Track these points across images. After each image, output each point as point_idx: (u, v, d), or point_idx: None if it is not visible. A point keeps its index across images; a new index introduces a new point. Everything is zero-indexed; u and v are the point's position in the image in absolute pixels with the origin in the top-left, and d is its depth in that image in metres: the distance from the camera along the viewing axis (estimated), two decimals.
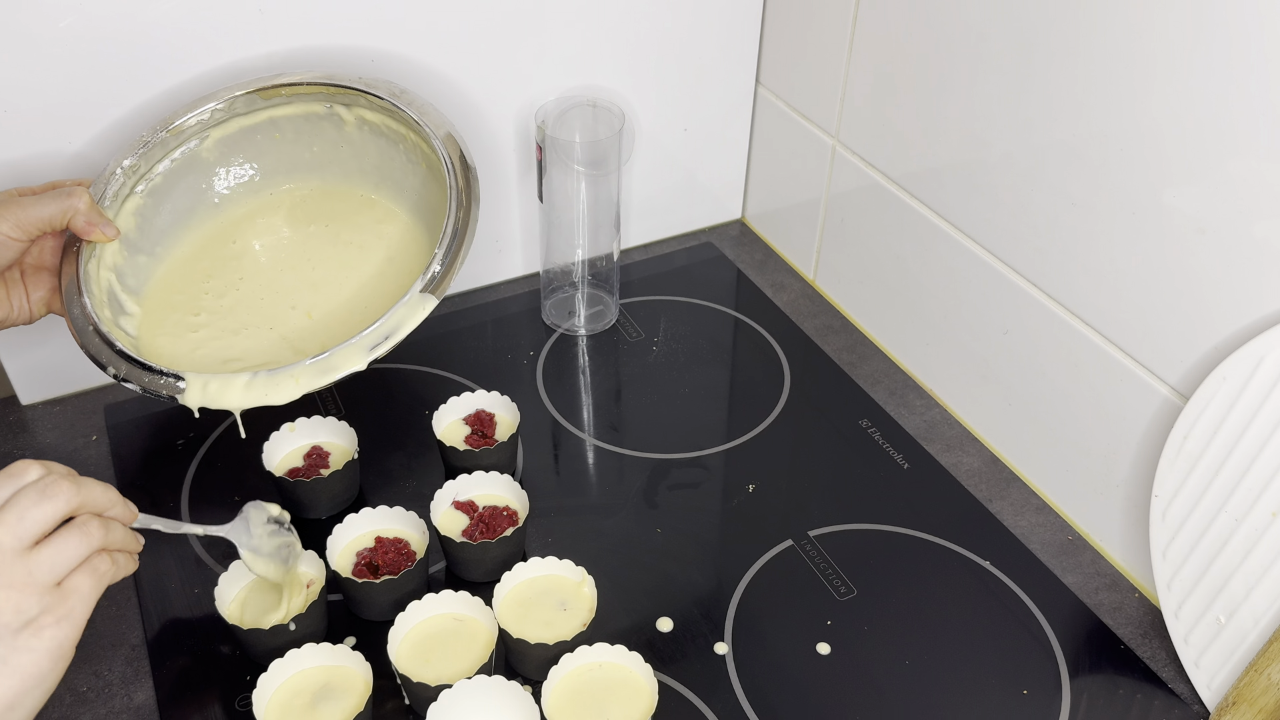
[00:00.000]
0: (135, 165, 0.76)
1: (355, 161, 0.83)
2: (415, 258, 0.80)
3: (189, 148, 0.78)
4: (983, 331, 0.87)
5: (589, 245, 0.96)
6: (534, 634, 0.69)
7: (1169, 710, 0.71)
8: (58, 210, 0.69)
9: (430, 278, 0.71)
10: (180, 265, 0.80)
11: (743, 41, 1.03)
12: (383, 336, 0.69)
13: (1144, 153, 0.69)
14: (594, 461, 0.88)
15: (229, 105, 0.78)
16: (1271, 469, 0.64)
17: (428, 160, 0.79)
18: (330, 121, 0.81)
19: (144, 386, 0.69)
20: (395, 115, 0.79)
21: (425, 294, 0.71)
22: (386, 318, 0.70)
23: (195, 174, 0.80)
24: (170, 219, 0.79)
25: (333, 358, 0.69)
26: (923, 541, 0.81)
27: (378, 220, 0.83)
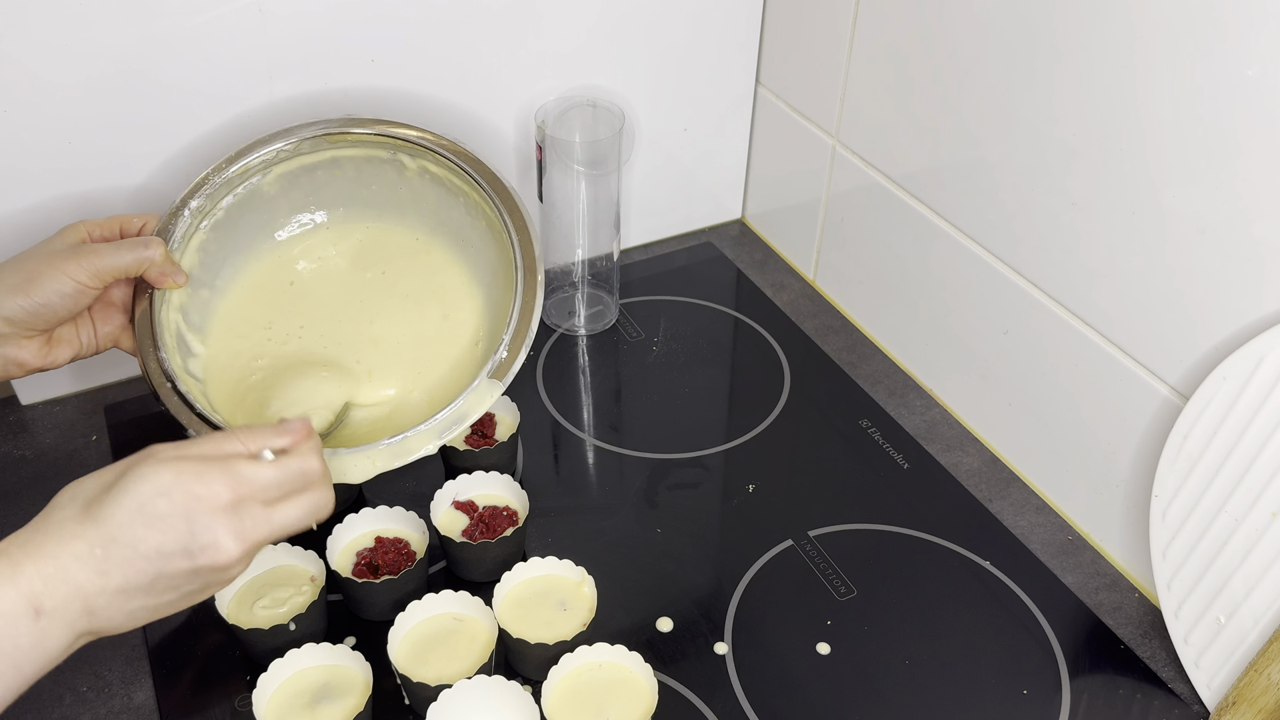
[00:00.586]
0: (202, 206, 0.76)
1: (413, 204, 0.83)
2: (469, 317, 0.80)
3: (251, 183, 0.79)
4: (983, 331, 0.87)
5: (589, 245, 0.96)
6: (534, 634, 0.69)
7: (1169, 710, 0.71)
8: (133, 260, 0.70)
9: (497, 363, 0.73)
10: (241, 303, 0.80)
11: (743, 41, 1.03)
12: (453, 422, 0.71)
13: (1144, 153, 0.69)
14: (594, 461, 0.88)
15: (295, 146, 0.79)
16: (1271, 469, 0.64)
17: (488, 219, 0.79)
18: (392, 166, 0.81)
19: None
20: (460, 175, 0.79)
21: (493, 380, 0.72)
22: (458, 403, 0.71)
23: (256, 209, 0.80)
24: (231, 250, 0.79)
25: (408, 441, 0.71)
26: (923, 541, 0.81)
27: (432, 270, 0.82)
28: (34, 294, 0.67)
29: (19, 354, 0.68)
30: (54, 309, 0.68)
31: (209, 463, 0.55)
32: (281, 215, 0.81)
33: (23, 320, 0.67)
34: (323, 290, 0.81)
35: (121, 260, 0.69)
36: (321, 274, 0.82)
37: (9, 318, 0.67)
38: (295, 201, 0.81)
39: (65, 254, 0.68)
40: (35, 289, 0.67)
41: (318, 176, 0.81)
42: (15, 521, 0.81)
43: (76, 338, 0.72)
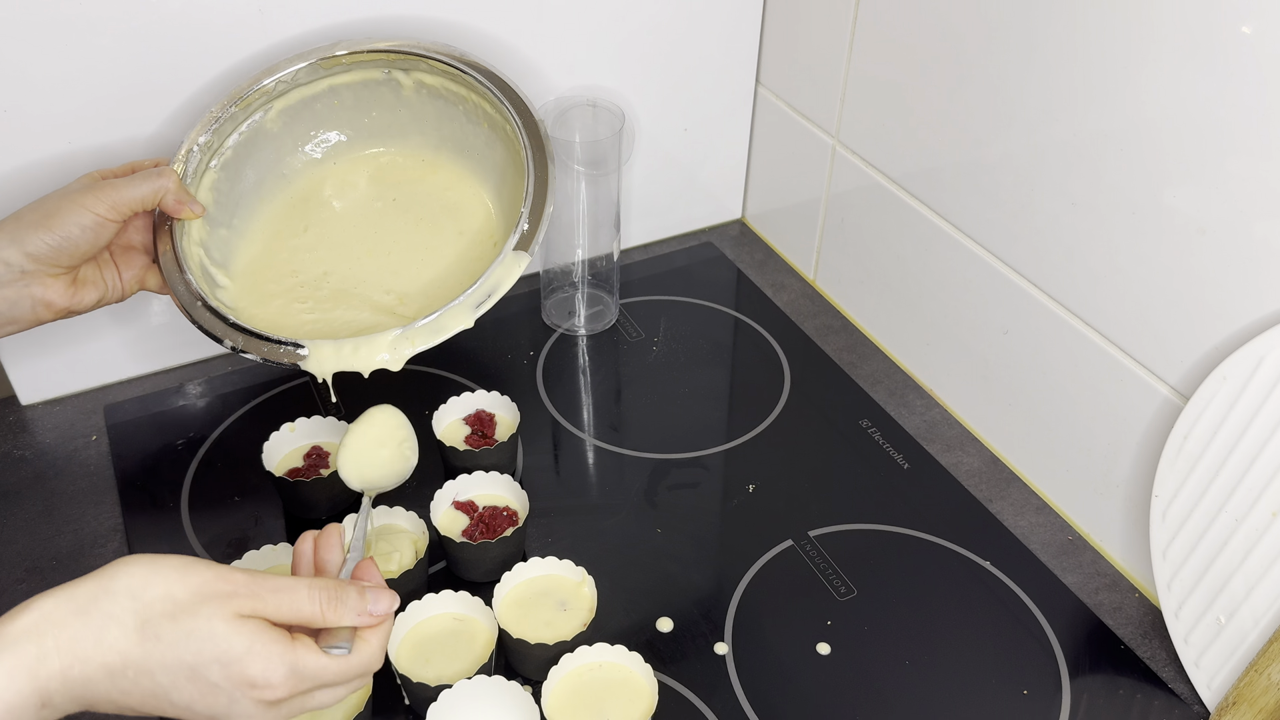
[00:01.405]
0: (209, 141, 0.77)
1: (414, 125, 0.84)
2: (484, 225, 0.81)
3: (254, 120, 0.80)
4: (983, 331, 0.87)
5: (589, 245, 0.96)
6: (534, 634, 0.69)
7: (1169, 710, 0.71)
8: (149, 190, 0.71)
9: (520, 235, 0.74)
10: (261, 245, 0.81)
11: (743, 41, 1.03)
12: (485, 294, 0.72)
13: (1144, 153, 0.69)
14: (594, 461, 0.88)
15: (293, 76, 0.79)
16: (1272, 469, 0.64)
17: (489, 120, 0.81)
18: (388, 87, 0.82)
19: (264, 356, 0.71)
20: (455, 78, 0.80)
21: (519, 251, 0.74)
22: (486, 277, 0.73)
23: (261, 147, 0.81)
24: (243, 191, 0.81)
25: (442, 318, 0.72)
26: (923, 541, 0.81)
27: (442, 188, 0.83)
28: (55, 228, 0.67)
29: (46, 293, 0.69)
30: (75, 243, 0.68)
31: (278, 645, 0.52)
32: (287, 152, 0.82)
33: (46, 256, 0.67)
34: (338, 227, 0.82)
35: (138, 191, 0.70)
36: (335, 210, 0.83)
37: (32, 254, 0.67)
38: (299, 136, 0.82)
39: (83, 189, 0.69)
40: (56, 223, 0.67)
41: (317, 109, 0.82)
42: (15, 522, 0.82)
43: (101, 279, 0.73)
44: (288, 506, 0.82)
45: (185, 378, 0.94)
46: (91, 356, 0.92)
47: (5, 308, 0.68)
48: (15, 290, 0.68)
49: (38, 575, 0.78)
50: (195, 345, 0.95)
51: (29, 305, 0.69)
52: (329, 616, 0.54)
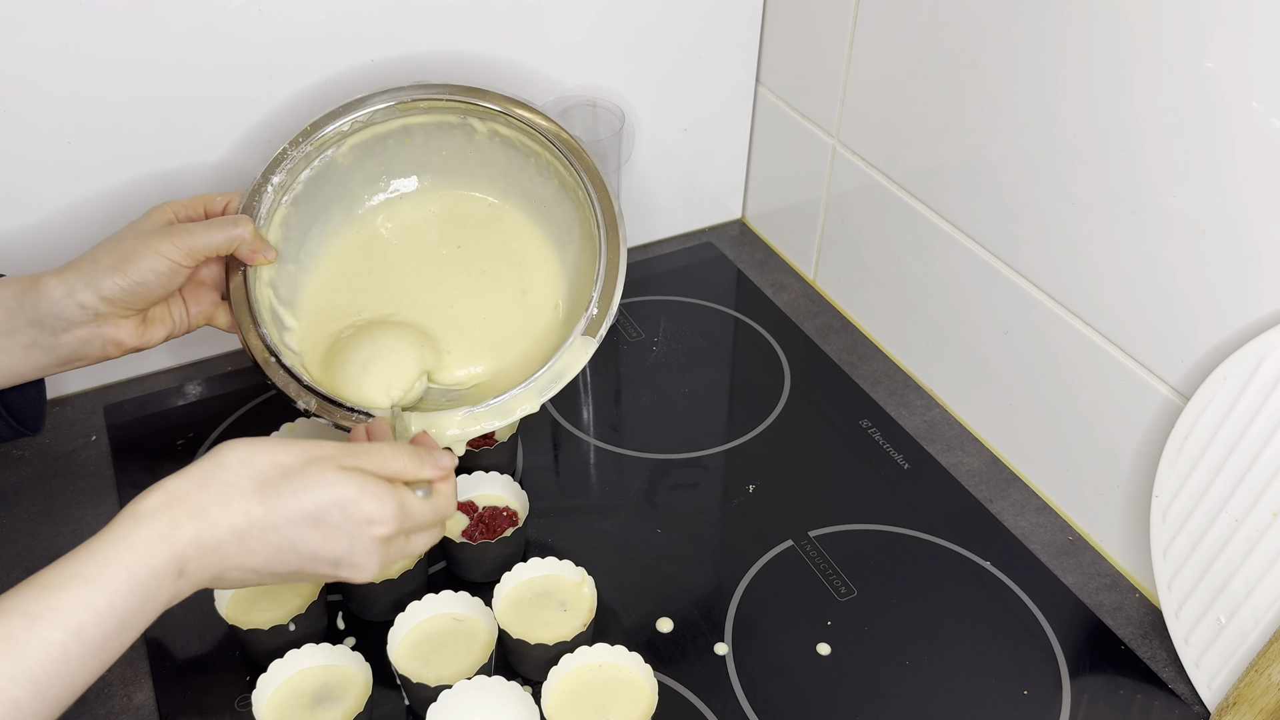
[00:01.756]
0: (283, 181, 0.77)
1: (484, 169, 0.83)
2: (548, 283, 0.81)
3: (327, 155, 0.79)
4: (983, 331, 0.87)
5: None
6: (534, 634, 0.69)
7: (1169, 710, 0.71)
8: (224, 239, 0.72)
9: (589, 320, 0.74)
10: (326, 282, 0.80)
11: (743, 41, 1.03)
12: (552, 380, 0.73)
13: (1144, 153, 0.69)
14: (594, 461, 0.88)
15: (369, 116, 0.79)
16: (1272, 469, 0.64)
17: (560, 178, 0.80)
18: (462, 130, 0.82)
19: (336, 421, 0.72)
20: (531, 135, 0.80)
21: (586, 337, 0.74)
22: (554, 361, 0.73)
23: (332, 182, 0.80)
24: (310, 224, 0.80)
25: (510, 401, 0.72)
26: (923, 541, 0.81)
27: (507, 238, 0.83)
28: (130, 273, 0.68)
29: (116, 334, 0.70)
30: (150, 288, 0.69)
31: (386, 487, 0.58)
32: (355, 187, 0.82)
33: (120, 299, 0.68)
34: (402, 272, 0.82)
35: (213, 239, 0.71)
36: (398, 251, 0.82)
37: (107, 297, 0.68)
38: (369, 172, 0.82)
39: (158, 234, 0.70)
40: (131, 268, 0.68)
41: (389, 145, 0.82)
42: (15, 522, 0.81)
43: (170, 317, 0.74)
44: None
45: (185, 378, 0.94)
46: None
47: (77, 346, 0.68)
48: (88, 331, 0.68)
49: None
50: (195, 345, 0.95)
51: (99, 345, 0.69)
52: (413, 469, 0.61)
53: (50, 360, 0.69)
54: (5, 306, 0.67)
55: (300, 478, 0.56)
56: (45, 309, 0.67)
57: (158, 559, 0.52)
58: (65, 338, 0.68)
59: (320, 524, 0.56)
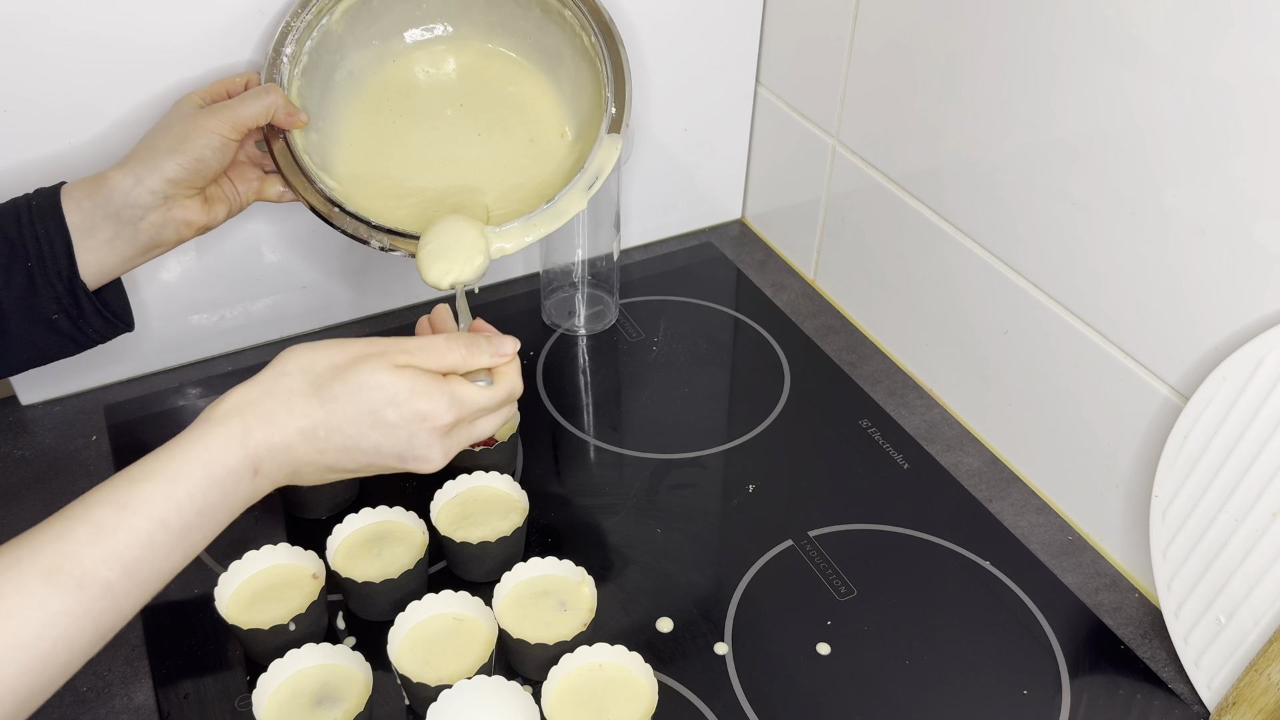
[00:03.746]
0: (294, 52, 0.80)
1: (464, 13, 0.85)
2: (552, 120, 0.84)
3: (323, 24, 0.81)
4: (983, 331, 0.87)
5: (589, 245, 0.96)
6: (534, 634, 0.69)
7: (1169, 710, 0.71)
8: (261, 108, 0.75)
9: (610, 119, 0.78)
10: (350, 150, 0.83)
11: (743, 41, 1.03)
12: (593, 177, 0.78)
13: (1144, 153, 0.69)
14: (594, 461, 0.88)
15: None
16: (1272, 469, 0.64)
17: (541, 4, 0.82)
18: None
19: (409, 251, 0.76)
20: None
21: (613, 135, 0.78)
22: (591, 161, 0.78)
23: (330, 49, 0.82)
24: (323, 94, 0.82)
25: (561, 203, 0.77)
26: (923, 541, 0.81)
27: (503, 84, 0.85)
28: (188, 152, 0.72)
29: (186, 214, 0.73)
30: (207, 163, 0.73)
31: (437, 382, 0.61)
32: (351, 55, 0.83)
33: (183, 179, 0.72)
34: (412, 139, 0.84)
35: (251, 109, 0.75)
36: (405, 121, 0.84)
37: (172, 179, 0.72)
38: (360, 38, 0.83)
39: (202, 114, 0.74)
40: (188, 147, 0.72)
41: (374, 6, 0.83)
42: (15, 522, 0.82)
43: (226, 195, 0.78)
44: (287, 507, 0.82)
45: (185, 378, 0.94)
46: (91, 356, 0.91)
47: (154, 232, 0.72)
48: (160, 214, 0.72)
49: None
50: (195, 345, 0.95)
51: (174, 228, 0.73)
52: (468, 360, 0.63)
53: (133, 250, 0.72)
54: (80, 207, 0.70)
55: (355, 378, 0.59)
56: (119, 200, 0.71)
57: (232, 459, 0.56)
58: (143, 225, 0.72)
59: (378, 422, 0.59)
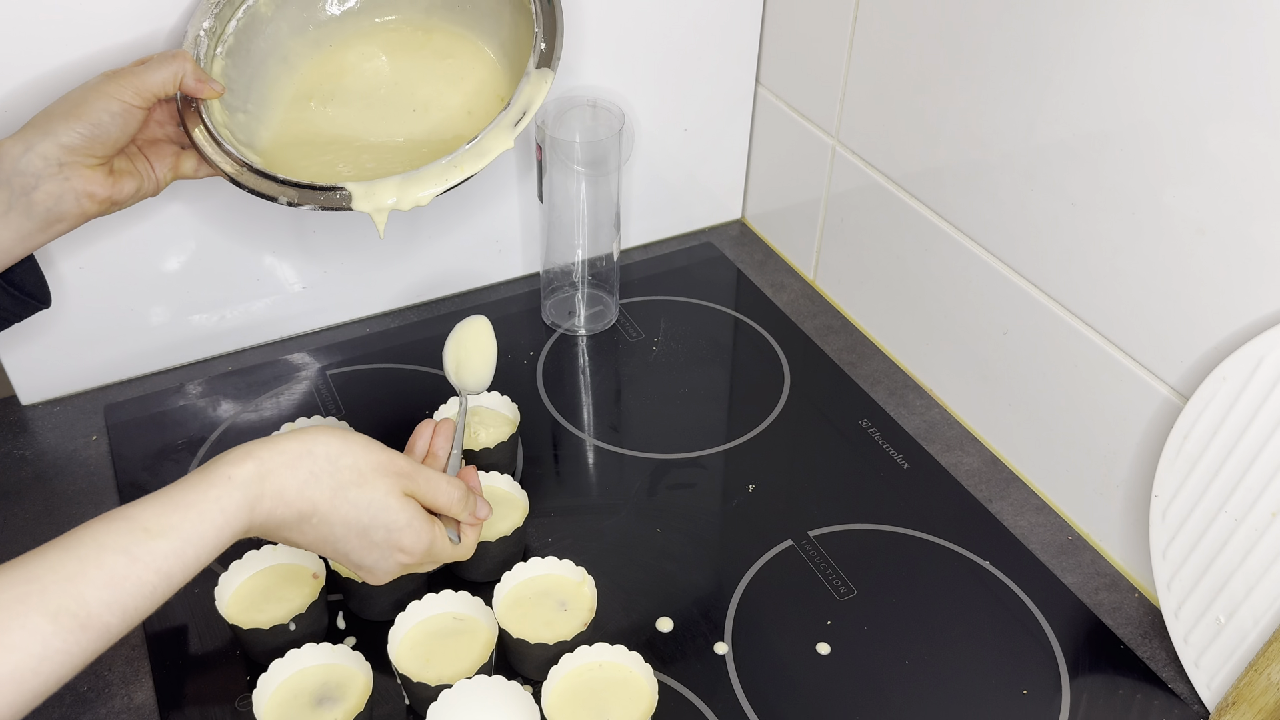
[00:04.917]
0: (213, 27, 0.78)
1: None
2: (489, 85, 0.83)
3: (249, 5, 0.80)
4: (983, 331, 0.87)
5: (589, 245, 0.96)
6: (534, 634, 0.69)
7: (1169, 710, 0.71)
8: (169, 74, 0.73)
9: (539, 54, 0.76)
10: (280, 126, 0.82)
11: (743, 41, 1.03)
12: (520, 113, 0.75)
13: (1144, 153, 0.69)
14: (594, 461, 0.88)
15: None
16: (1271, 469, 0.64)
17: None
18: None
19: (321, 204, 0.74)
20: None
21: (542, 69, 0.76)
22: (516, 97, 0.75)
23: (259, 30, 0.81)
24: (251, 76, 0.81)
25: (484, 140, 0.75)
26: (923, 541, 0.81)
27: (441, 57, 0.84)
28: (84, 116, 0.69)
29: (86, 185, 0.70)
30: (106, 130, 0.70)
31: (427, 526, 0.64)
32: (285, 38, 0.82)
33: (80, 146, 0.69)
34: (347, 122, 0.82)
35: (158, 75, 0.72)
36: (339, 102, 0.83)
37: (66, 145, 0.69)
38: (294, 21, 0.82)
39: (106, 78, 0.71)
40: (84, 112, 0.69)
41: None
42: (15, 522, 0.82)
43: (135, 170, 0.75)
44: None
45: (185, 378, 0.94)
46: (91, 356, 0.92)
47: (51, 203, 0.69)
48: (56, 184, 0.69)
49: None
50: (195, 345, 0.95)
51: (73, 199, 0.70)
52: (454, 510, 0.66)
53: (31, 225, 0.69)
54: None
55: (369, 492, 0.61)
56: (8, 168, 0.68)
57: (239, 522, 0.57)
58: (37, 194, 0.68)
59: (364, 536, 0.62)
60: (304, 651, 0.68)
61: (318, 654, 0.68)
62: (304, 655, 0.68)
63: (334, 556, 0.63)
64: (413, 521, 0.63)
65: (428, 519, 0.64)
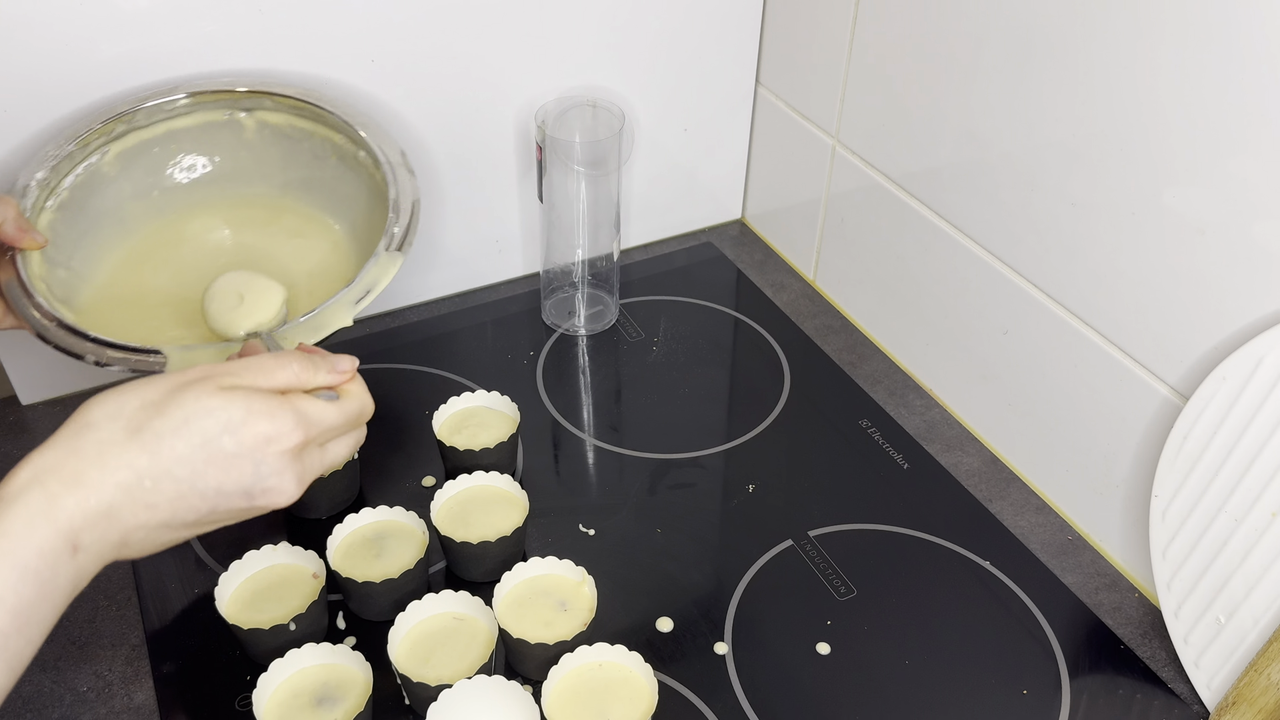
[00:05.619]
0: (46, 179, 0.75)
1: (257, 166, 0.82)
2: (336, 265, 0.80)
3: (91, 162, 0.78)
4: (983, 331, 0.87)
5: (589, 245, 0.96)
6: (534, 634, 0.69)
7: (1169, 710, 0.71)
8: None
9: (390, 237, 0.74)
10: (106, 293, 0.78)
11: (743, 41, 1.03)
12: (364, 291, 0.72)
13: (1144, 153, 0.69)
14: (594, 461, 0.88)
15: (129, 119, 0.78)
16: (1271, 469, 0.64)
17: (338, 152, 0.80)
18: (229, 129, 0.81)
19: (132, 367, 0.68)
20: (302, 112, 0.79)
21: (393, 252, 0.73)
22: (362, 275, 0.72)
23: (98, 192, 0.79)
24: (81, 234, 0.78)
25: (321, 315, 0.70)
26: (923, 541, 0.81)
27: (290, 235, 0.82)
28: None
29: None
30: None
31: (276, 400, 0.53)
32: (127, 201, 0.80)
33: None
34: (184, 282, 0.79)
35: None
36: (179, 263, 0.80)
37: None
38: (140, 184, 0.80)
39: None
40: None
41: (155, 153, 0.80)
42: None
43: None
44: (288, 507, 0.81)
45: None
46: None
47: None
48: None
49: None
50: None
51: None
52: (304, 378, 0.55)
53: None
54: None
55: (178, 410, 0.50)
56: None
57: (41, 539, 0.46)
58: None
59: (215, 456, 0.51)
60: (304, 651, 0.68)
61: (318, 654, 0.68)
62: (304, 655, 0.68)
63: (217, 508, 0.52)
64: (251, 405, 0.52)
65: (271, 394, 0.53)
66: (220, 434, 0.51)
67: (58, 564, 0.47)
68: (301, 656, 0.68)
